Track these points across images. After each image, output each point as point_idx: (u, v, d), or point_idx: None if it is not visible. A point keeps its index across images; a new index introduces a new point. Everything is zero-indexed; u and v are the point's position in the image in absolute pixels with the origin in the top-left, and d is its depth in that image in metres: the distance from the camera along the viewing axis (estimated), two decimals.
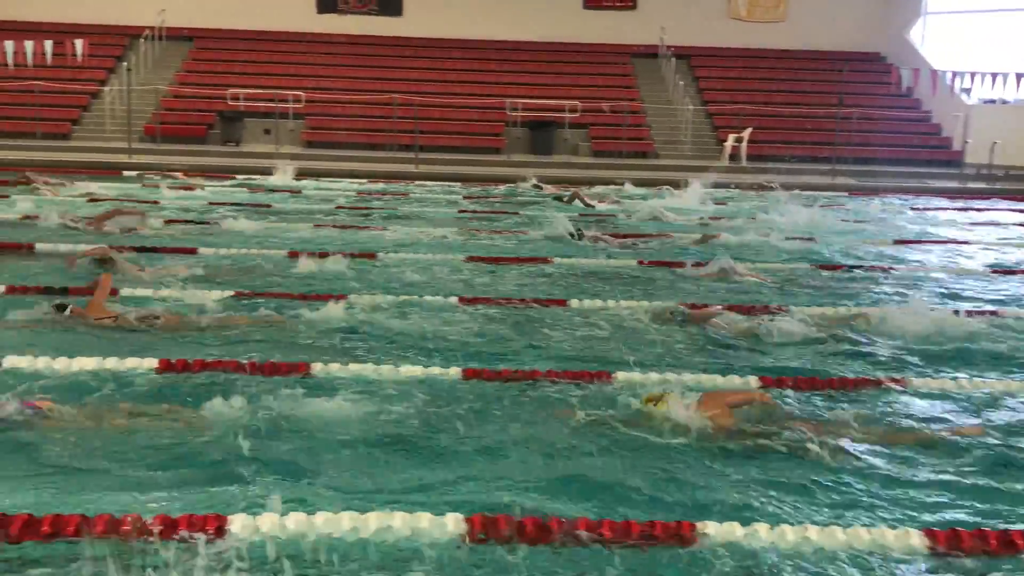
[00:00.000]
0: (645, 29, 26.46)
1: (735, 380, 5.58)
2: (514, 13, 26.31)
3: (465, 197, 15.75)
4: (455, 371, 5.53)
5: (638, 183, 17.78)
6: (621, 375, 5.55)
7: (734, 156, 22.55)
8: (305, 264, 8.69)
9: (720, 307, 7.26)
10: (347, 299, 7.31)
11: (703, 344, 6.49)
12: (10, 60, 16.18)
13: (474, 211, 13.66)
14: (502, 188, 17.36)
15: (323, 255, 9.12)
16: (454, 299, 7.49)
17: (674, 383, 5.26)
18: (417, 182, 17.92)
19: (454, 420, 4.80)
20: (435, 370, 5.54)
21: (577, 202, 14.51)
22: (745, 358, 6.17)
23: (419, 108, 21.60)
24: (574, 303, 7.48)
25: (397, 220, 12.58)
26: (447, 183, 17.76)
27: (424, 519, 3.52)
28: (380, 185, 17.35)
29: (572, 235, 10.81)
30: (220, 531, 3.43)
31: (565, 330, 6.72)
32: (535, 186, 16.95)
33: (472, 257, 9.55)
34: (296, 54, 25.80)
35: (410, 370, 5.52)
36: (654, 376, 5.53)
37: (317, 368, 5.49)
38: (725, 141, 23.00)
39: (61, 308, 6.44)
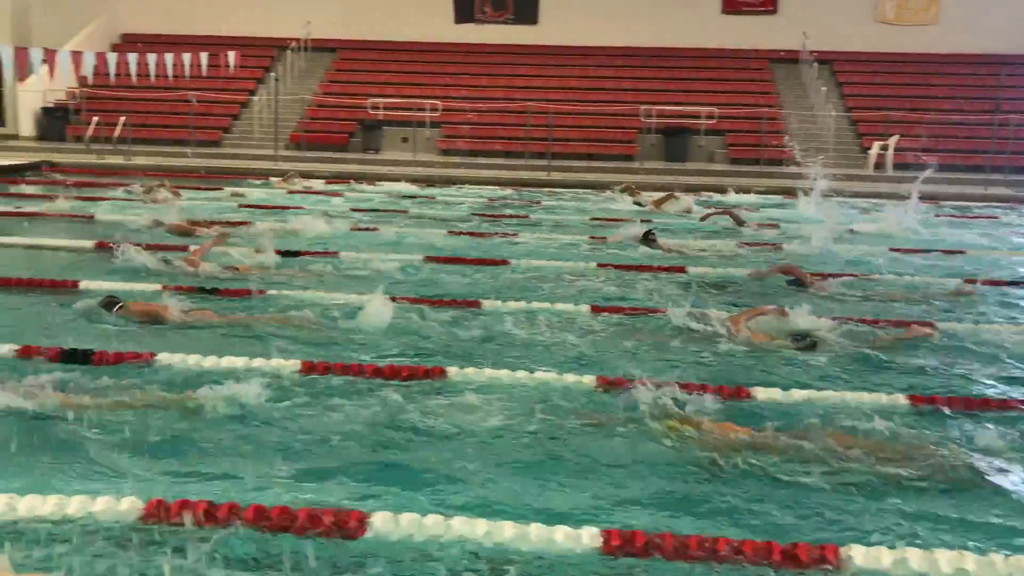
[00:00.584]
0: (786, 34, 25.76)
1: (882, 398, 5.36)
2: (650, 20, 26.08)
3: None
4: (589, 379, 5.49)
5: (761, 191, 17.40)
6: (761, 392, 5.39)
7: (879, 165, 21.66)
8: (438, 269, 8.84)
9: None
10: (480, 305, 7.41)
11: (843, 363, 6.22)
12: (169, 71, 17.11)
13: (604, 219, 13.60)
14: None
15: (455, 260, 9.29)
16: (585, 307, 7.47)
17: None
18: (548, 189, 17.99)
19: (589, 429, 4.78)
20: (570, 377, 5.52)
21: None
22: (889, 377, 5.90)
23: (552, 116, 21.67)
24: (712, 313, 7.33)
25: (529, 227, 12.66)
26: (578, 190, 17.77)
27: (560, 531, 3.50)
28: (511, 192, 17.52)
29: (647, 241, 10.61)
30: (361, 526, 3.52)
31: (704, 342, 6.58)
32: (624, 191, 16.89)
33: (602, 264, 9.51)
34: (433, 63, 26.33)
35: (544, 376, 5.52)
36: (797, 395, 5.35)
37: (453, 372, 5.56)
38: (870, 149, 22.13)
39: (110, 306, 6.64)
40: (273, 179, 17.50)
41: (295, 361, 5.66)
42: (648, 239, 10.55)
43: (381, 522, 3.56)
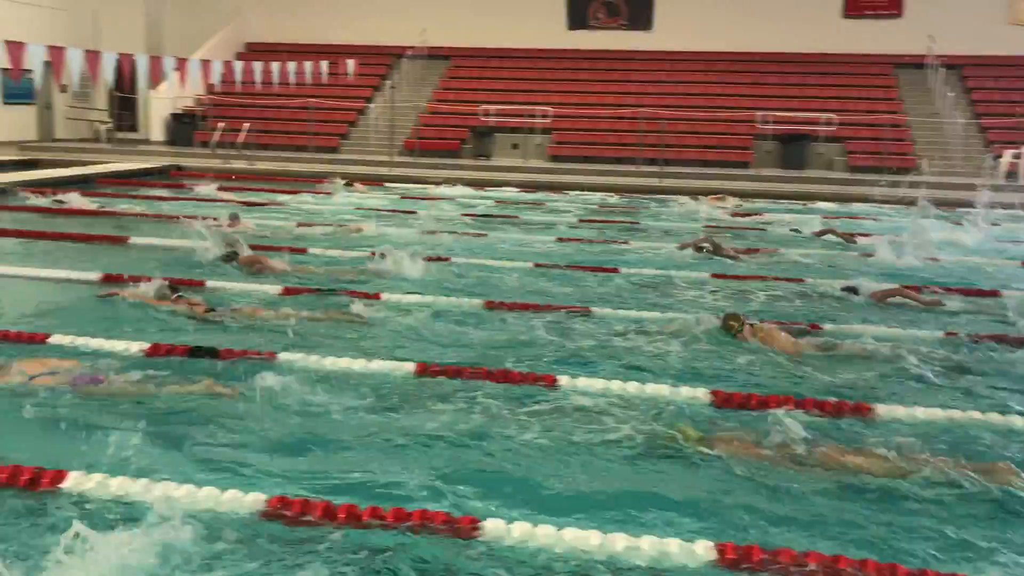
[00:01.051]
0: (911, 38, 24.79)
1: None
2: (768, 24, 25.54)
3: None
4: (703, 393, 5.39)
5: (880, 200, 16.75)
6: (882, 409, 5.19)
7: (1011, 173, 20.62)
8: (547, 275, 8.85)
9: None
10: (590, 311, 7.37)
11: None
12: (291, 79, 17.67)
13: (716, 226, 13.37)
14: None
15: (565, 267, 9.28)
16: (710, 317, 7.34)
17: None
18: (660, 196, 17.80)
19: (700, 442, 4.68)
20: (684, 390, 5.42)
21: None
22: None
23: (666, 122, 21.44)
24: (828, 327, 7.11)
25: (639, 234, 12.54)
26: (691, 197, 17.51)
27: (673, 543, 3.45)
28: (618, 198, 17.41)
29: (701, 249, 10.59)
30: (474, 530, 3.54)
31: (829, 357, 6.37)
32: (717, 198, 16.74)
33: (716, 274, 9.33)
34: (544, 70, 26.45)
35: (655, 389, 5.44)
36: (920, 414, 5.13)
37: (564, 381, 5.53)
38: (1000, 157, 21.09)
39: (174, 289, 7.37)
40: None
41: (409, 364, 5.75)
42: (699, 247, 10.57)
43: (493, 528, 3.57)
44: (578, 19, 27.03)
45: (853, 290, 8.34)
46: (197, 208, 13.15)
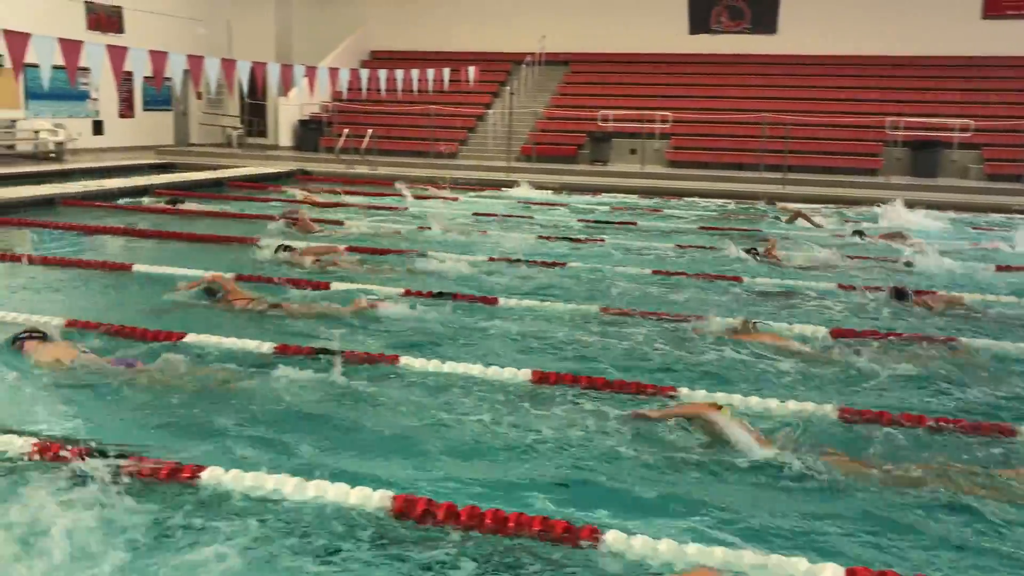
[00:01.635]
0: None
1: None
2: (899, 27, 24.60)
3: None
4: (830, 409, 5.20)
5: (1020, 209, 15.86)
6: None
7: None
8: (666, 283, 8.72)
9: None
10: (704, 320, 7.22)
11: None
12: (414, 86, 18.02)
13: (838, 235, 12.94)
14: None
15: (683, 274, 9.13)
16: (823, 330, 7.11)
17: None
18: (781, 204, 17.35)
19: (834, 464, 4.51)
20: (808, 406, 5.24)
21: (800, 221, 14.23)
22: None
23: (790, 127, 20.89)
24: (964, 340, 6.78)
25: (762, 242, 12.23)
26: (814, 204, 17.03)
27: (801, 563, 3.33)
28: (736, 205, 17.06)
29: (751, 252, 10.60)
30: (594, 540, 3.52)
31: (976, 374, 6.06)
32: (769, 203, 16.64)
33: (843, 285, 9.02)
34: (665, 75, 26.19)
35: (783, 407, 5.27)
36: None
37: (684, 393, 5.44)
38: None
39: (212, 292, 7.45)
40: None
41: (526, 371, 5.75)
42: (753, 253, 10.59)
43: (613, 540, 3.53)
44: (700, 23, 26.64)
45: (903, 294, 8.21)
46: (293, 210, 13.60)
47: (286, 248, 9.41)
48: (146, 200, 14.22)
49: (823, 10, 25.18)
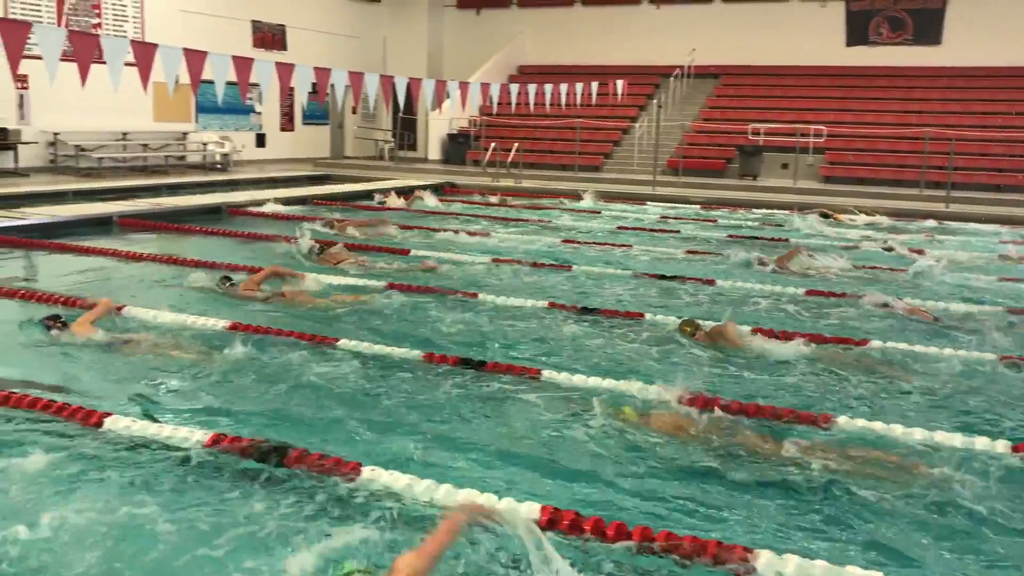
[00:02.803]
0: None
1: None
2: None
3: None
4: (1003, 446, 4.88)
5: None
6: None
7: None
8: (822, 303, 8.43)
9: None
10: (867, 344, 6.94)
11: None
12: (562, 100, 18.14)
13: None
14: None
15: (840, 296, 8.81)
16: (991, 355, 6.71)
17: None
18: (945, 222, 16.51)
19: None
20: (980, 441, 4.94)
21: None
22: None
23: (954, 143, 19.85)
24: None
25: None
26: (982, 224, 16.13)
27: None
28: (891, 222, 16.30)
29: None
30: (746, 561, 3.44)
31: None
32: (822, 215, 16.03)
33: (1016, 310, 8.48)
34: (818, 87, 25.41)
35: (945, 437, 4.99)
36: None
37: (842, 421, 5.22)
38: None
39: (226, 280, 8.14)
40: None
41: (675, 390, 5.64)
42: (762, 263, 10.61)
43: (766, 563, 3.44)
44: (858, 35, 25.70)
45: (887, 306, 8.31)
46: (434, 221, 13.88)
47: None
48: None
49: (991, 20, 23.85)
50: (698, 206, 17.99)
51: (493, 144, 22.54)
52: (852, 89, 25.06)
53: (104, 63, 9.20)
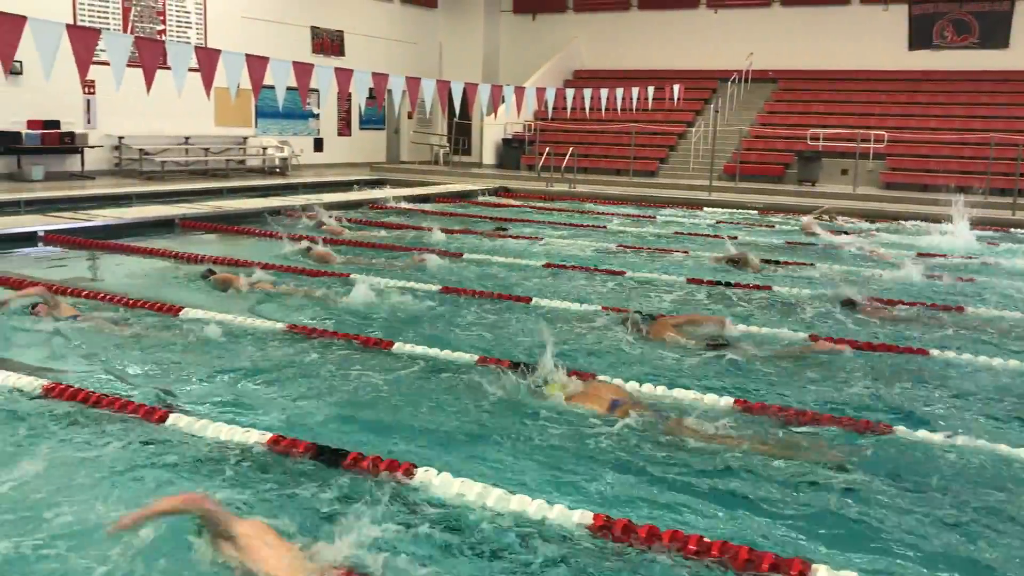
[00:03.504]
0: None
1: None
2: None
3: None
4: None
5: None
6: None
7: None
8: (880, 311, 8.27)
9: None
10: (928, 354, 6.79)
11: None
12: (618, 105, 18.07)
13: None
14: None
15: (900, 303, 8.63)
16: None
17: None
18: (1014, 229, 16.08)
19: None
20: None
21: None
22: None
23: (1022, 148, 19.32)
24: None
25: (989, 272, 11.38)
26: None
27: None
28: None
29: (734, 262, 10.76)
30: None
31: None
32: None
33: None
34: (881, 92, 24.95)
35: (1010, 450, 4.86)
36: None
37: (901, 431, 5.11)
38: None
39: (210, 273, 8.67)
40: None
41: (728, 398, 5.60)
42: (733, 261, 10.74)
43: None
44: (922, 38, 25.18)
45: (850, 302, 8.37)
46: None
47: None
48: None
49: None
50: (755, 211, 17.78)
51: (548, 148, 22.54)
52: (915, 94, 24.59)
53: (168, 68, 9.40)
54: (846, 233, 14.57)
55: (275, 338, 6.82)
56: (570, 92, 16.97)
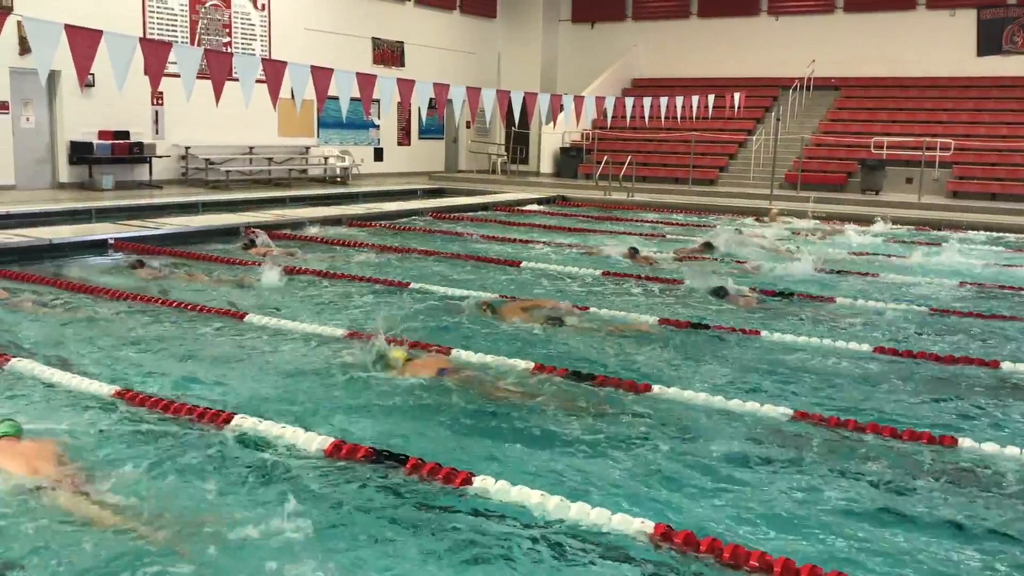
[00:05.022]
0: None
1: None
2: None
3: None
4: None
5: None
6: None
7: None
8: (946, 322, 8.10)
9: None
10: (998, 366, 6.65)
11: None
12: (677, 113, 18.00)
13: None
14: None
15: (969, 315, 8.44)
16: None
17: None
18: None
19: None
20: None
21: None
22: None
23: None
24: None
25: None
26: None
27: None
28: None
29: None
30: None
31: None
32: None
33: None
34: (946, 99, 24.43)
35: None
36: None
37: (966, 444, 5.02)
38: None
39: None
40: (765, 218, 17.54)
41: (785, 408, 5.54)
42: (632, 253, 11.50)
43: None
44: (991, 44, 24.58)
45: (721, 292, 9.08)
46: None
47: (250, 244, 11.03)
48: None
49: None
50: (818, 221, 17.51)
51: (606, 157, 22.50)
52: (983, 101, 24.02)
53: (235, 80, 9.63)
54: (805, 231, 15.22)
55: (336, 341, 6.92)
56: (629, 100, 16.96)
